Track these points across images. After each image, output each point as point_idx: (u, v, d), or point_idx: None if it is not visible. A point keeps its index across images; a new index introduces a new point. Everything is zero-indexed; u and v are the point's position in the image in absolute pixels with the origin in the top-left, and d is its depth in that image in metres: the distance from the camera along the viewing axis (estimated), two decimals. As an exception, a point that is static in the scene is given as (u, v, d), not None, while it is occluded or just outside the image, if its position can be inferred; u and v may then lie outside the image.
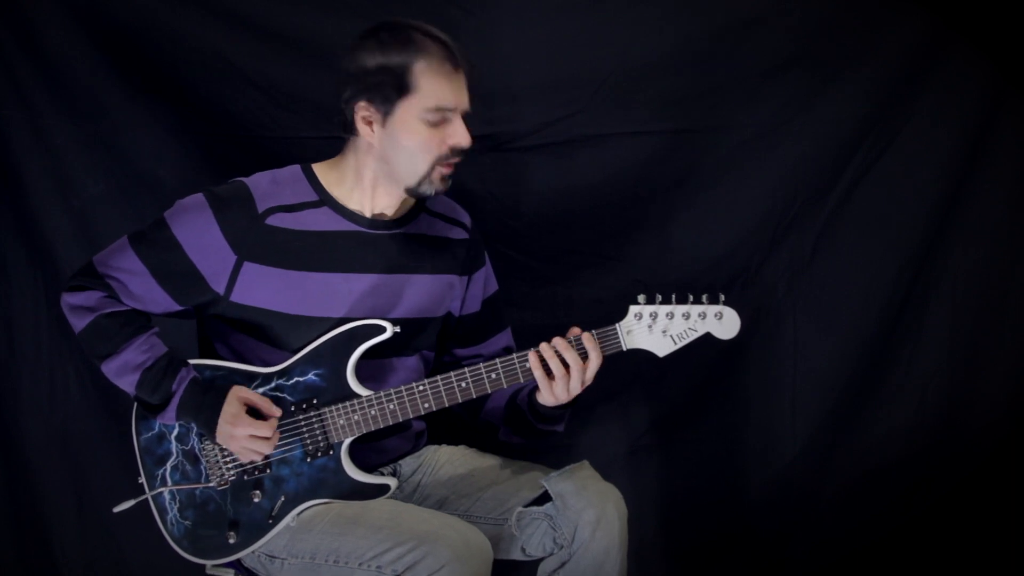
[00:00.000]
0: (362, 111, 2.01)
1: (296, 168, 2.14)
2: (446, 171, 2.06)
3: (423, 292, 2.18)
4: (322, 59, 2.61)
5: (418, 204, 2.20)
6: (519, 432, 2.24)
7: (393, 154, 2.03)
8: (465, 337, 2.32)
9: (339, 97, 2.05)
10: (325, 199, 2.10)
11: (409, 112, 1.99)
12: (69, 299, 2.06)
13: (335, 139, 2.15)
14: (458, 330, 2.31)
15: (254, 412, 2.02)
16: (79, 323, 2.04)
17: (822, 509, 2.86)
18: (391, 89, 1.98)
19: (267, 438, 2.00)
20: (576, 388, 2.03)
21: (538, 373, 2.02)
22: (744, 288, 2.77)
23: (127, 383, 2.03)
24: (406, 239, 2.16)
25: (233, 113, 2.66)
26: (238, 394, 2.02)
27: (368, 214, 2.12)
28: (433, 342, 2.26)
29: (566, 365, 2.01)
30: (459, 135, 2.02)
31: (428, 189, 2.06)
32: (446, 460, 2.31)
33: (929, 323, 2.76)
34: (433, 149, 2.02)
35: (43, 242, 2.65)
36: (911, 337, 2.77)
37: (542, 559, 2.13)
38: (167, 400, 2.01)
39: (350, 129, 2.06)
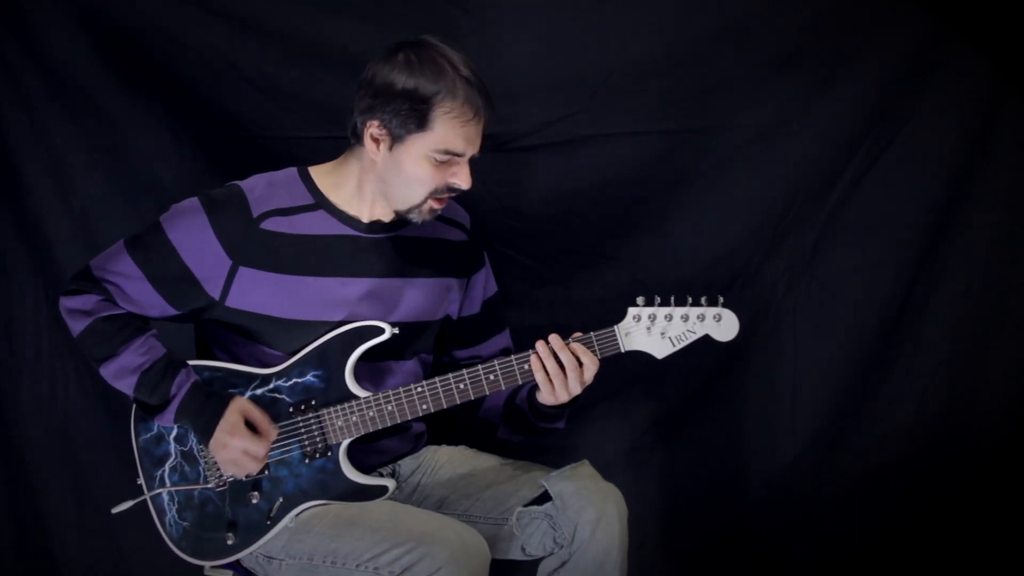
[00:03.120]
0: (372, 129, 2.00)
1: (292, 171, 2.13)
2: (436, 205, 2.06)
3: (421, 296, 2.18)
4: (322, 59, 2.61)
5: None
6: (519, 430, 2.24)
7: (392, 178, 2.03)
8: (464, 339, 2.32)
9: (354, 101, 2.03)
10: (321, 202, 2.09)
11: (419, 146, 1.98)
12: (66, 303, 2.05)
13: (334, 139, 2.15)
14: (457, 332, 2.30)
15: (251, 427, 2.03)
16: (77, 326, 2.04)
17: (822, 509, 2.86)
18: (408, 119, 1.96)
19: (259, 456, 2.00)
20: (576, 388, 2.02)
21: (539, 376, 2.02)
22: (744, 288, 2.76)
23: (126, 385, 2.03)
24: (404, 242, 2.15)
25: (233, 113, 2.66)
26: (240, 405, 2.02)
27: (365, 219, 2.11)
28: (431, 345, 2.26)
29: (562, 366, 2.01)
30: (461, 178, 2.02)
31: (416, 217, 2.07)
32: (446, 460, 2.31)
33: (929, 323, 2.76)
34: (432, 184, 2.01)
35: (43, 242, 2.65)
36: (911, 337, 2.77)
37: (542, 559, 2.13)
38: (165, 402, 2.01)
39: (358, 138, 2.05)
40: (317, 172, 2.13)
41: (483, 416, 2.28)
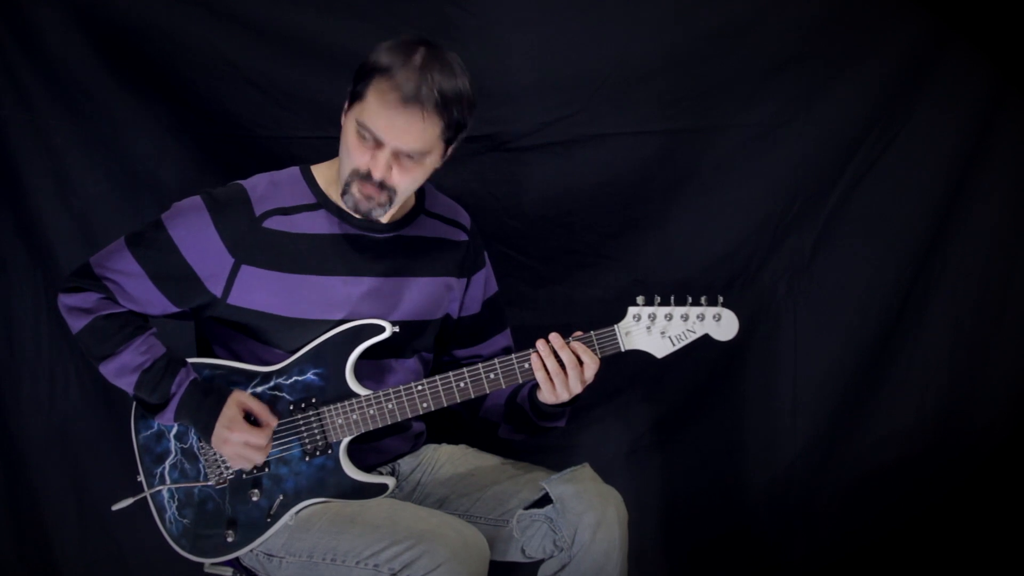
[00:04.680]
0: (346, 100, 2.02)
1: (295, 170, 2.13)
2: (364, 191, 1.99)
3: (421, 294, 2.18)
4: (322, 59, 2.61)
5: (417, 206, 2.20)
6: (521, 429, 2.24)
7: (339, 148, 2.03)
8: (464, 338, 2.32)
9: None
10: (323, 202, 2.09)
11: (353, 113, 1.97)
12: (66, 300, 2.05)
13: (334, 139, 2.15)
14: (457, 331, 2.31)
15: (252, 419, 2.03)
16: (76, 324, 2.03)
17: (822, 510, 2.86)
18: (356, 88, 1.96)
19: (261, 446, 2.00)
20: (576, 387, 2.02)
21: (540, 375, 2.01)
22: (744, 288, 2.77)
23: (126, 384, 2.03)
24: (404, 241, 2.16)
25: (233, 113, 2.66)
26: (237, 399, 2.02)
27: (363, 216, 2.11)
28: (431, 344, 2.26)
29: (563, 364, 2.01)
30: (376, 163, 1.96)
31: (348, 201, 2.02)
32: (446, 459, 2.30)
33: (929, 323, 2.76)
34: (353, 158, 1.98)
35: (43, 242, 2.65)
36: (911, 337, 2.77)
37: (542, 561, 2.13)
38: (166, 401, 2.01)
39: None
40: (319, 170, 2.13)
41: (484, 415, 2.28)
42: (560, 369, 2.01)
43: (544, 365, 2.01)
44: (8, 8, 2.54)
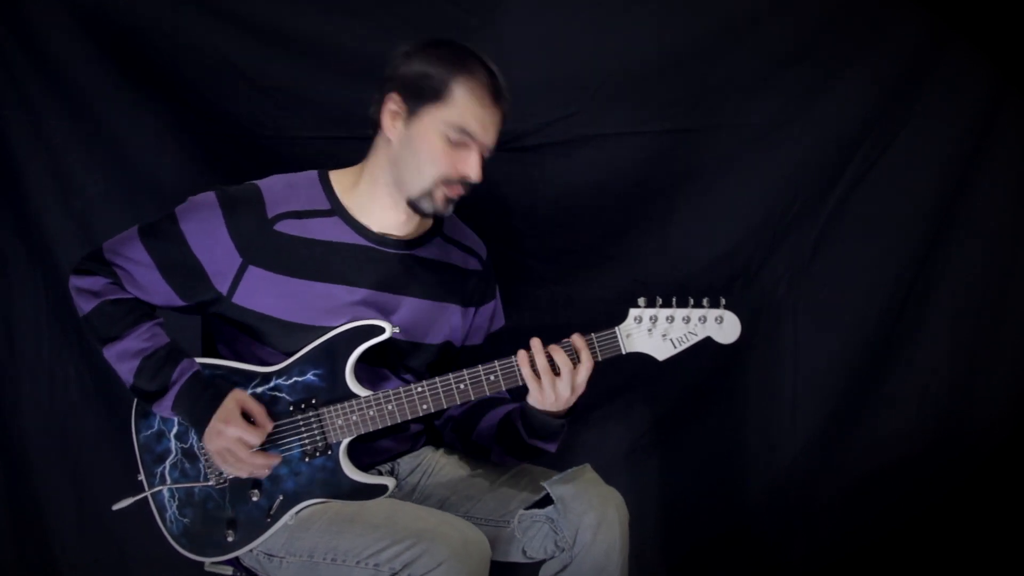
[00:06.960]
0: (391, 103, 2.00)
1: (313, 174, 2.12)
2: (450, 194, 2.03)
3: (415, 315, 2.15)
4: (322, 59, 2.61)
5: (434, 228, 2.19)
6: (511, 451, 2.18)
7: (405, 157, 2.01)
8: (462, 368, 2.29)
9: (376, 93, 2.04)
10: (337, 208, 2.09)
11: (434, 120, 1.97)
12: (76, 282, 2.07)
13: (335, 139, 2.16)
14: (456, 360, 2.28)
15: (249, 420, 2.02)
16: (85, 306, 2.04)
17: (822, 510, 2.85)
18: (426, 91, 1.97)
19: (253, 445, 1.99)
20: (565, 391, 2.00)
21: (525, 371, 1.99)
22: (744, 288, 2.77)
23: (126, 369, 2.02)
24: (412, 260, 2.14)
25: (233, 113, 2.66)
26: (236, 396, 2.01)
27: (378, 229, 2.10)
28: (424, 370, 2.22)
29: (556, 368, 1.99)
30: (471, 166, 2.00)
31: (427, 206, 2.04)
32: (446, 461, 2.29)
33: (929, 323, 2.76)
34: (442, 166, 1.99)
35: (43, 242, 2.66)
36: (911, 337, 2.77)
37: (543, 561, 2.12)
38: (165, 388, 2.00)
39: (375, 124, 2.05)
40: (336, 176, 2.13)
41: (476, 439, 2.24)
42: (549, 367, 1.99)
43: (530, 362, 1.99)
44: (8, 8, 2.54)
